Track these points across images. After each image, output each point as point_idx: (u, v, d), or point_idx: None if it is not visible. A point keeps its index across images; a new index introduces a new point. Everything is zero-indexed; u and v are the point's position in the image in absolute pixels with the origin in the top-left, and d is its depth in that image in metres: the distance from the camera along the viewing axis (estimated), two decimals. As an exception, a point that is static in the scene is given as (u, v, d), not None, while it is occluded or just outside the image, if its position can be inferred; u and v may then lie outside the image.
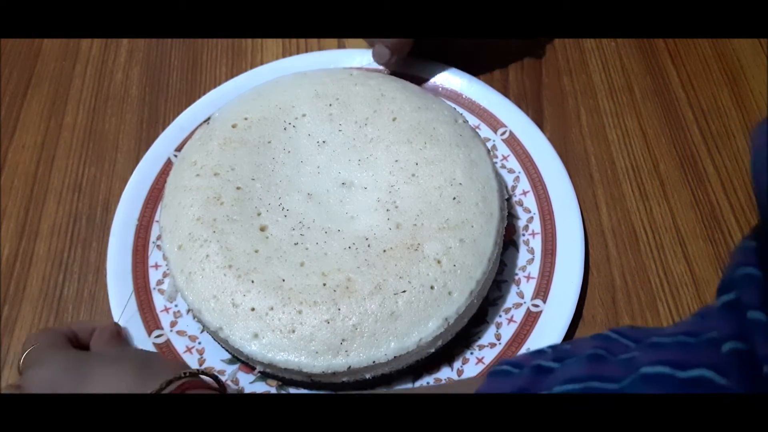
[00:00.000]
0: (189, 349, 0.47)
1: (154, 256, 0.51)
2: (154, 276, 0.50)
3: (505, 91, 0.59)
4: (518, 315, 0.48)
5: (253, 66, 0.62)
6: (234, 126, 0.50)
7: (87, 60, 0.64)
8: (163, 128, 0.57)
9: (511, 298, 0.49)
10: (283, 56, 0.62)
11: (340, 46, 0.63)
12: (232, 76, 0.60)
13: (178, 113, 0.57)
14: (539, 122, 0.57)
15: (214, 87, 0.59)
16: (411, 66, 0.58)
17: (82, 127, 0.60)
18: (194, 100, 0.58)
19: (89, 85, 0.62)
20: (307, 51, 0.62)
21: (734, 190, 0.54)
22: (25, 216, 0.55)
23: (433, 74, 0.59)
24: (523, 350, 0.46)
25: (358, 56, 0.59)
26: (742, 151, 0.56)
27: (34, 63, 0.64)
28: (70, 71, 0.63)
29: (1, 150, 0.58)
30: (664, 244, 0.52)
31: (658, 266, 0.51)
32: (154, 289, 0.49)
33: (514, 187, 0.53)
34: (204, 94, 0.59)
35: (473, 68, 0.59)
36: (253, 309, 0.42)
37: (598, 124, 0.58)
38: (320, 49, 0.62)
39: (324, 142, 0.50)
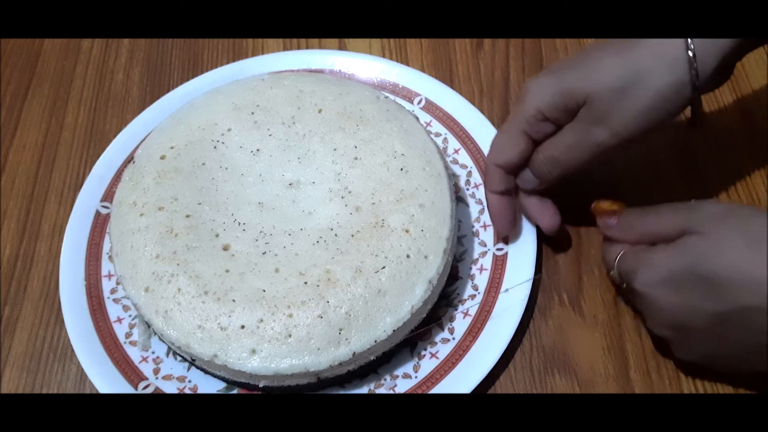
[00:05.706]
0: (181, 390, 0.45)
1: (113, 311, 0.48)
2: (120, 330, 0.48)
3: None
4: (487, 263, 0.50)
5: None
6: (163, 157, 0.48)
7: (88, 60, 0.63)
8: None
9: (476, 250, 0.51)
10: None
11: (341, 46, 0.63)
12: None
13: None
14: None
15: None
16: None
17: (83, 127, 0.59)
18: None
19: (90, 85, 0.61)
20: (308, 50, 0.61)
21: (735, 189, 0.54)
22: (26, 216, 0.55)
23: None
24: (502, 292, 0.48)
25: (264, 64, 0.59)
26: (743, 150, 0.56)
27: (35, 63, 0.63)
28: (70, 71, 0.63)
29: (1, 150, 0.58)
30: (665, 243, 0.51)
31: None
32: (125, 342, 0.47)
33: (445, 149, 0.55)
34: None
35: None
36: (243, 327, 0.42)
37: None
38: (321, 47, 0.62)
39: (258, 150, 0.50)
